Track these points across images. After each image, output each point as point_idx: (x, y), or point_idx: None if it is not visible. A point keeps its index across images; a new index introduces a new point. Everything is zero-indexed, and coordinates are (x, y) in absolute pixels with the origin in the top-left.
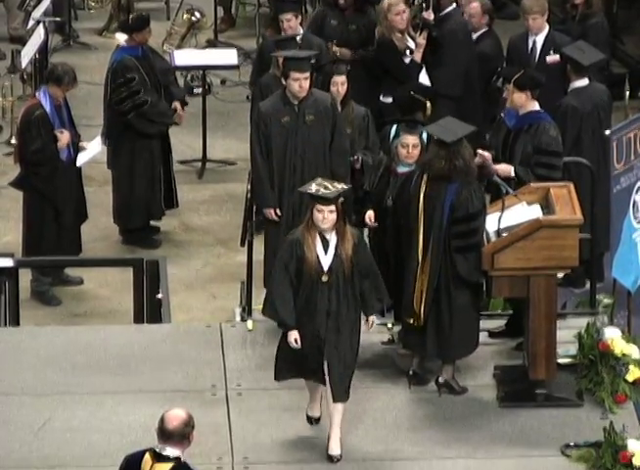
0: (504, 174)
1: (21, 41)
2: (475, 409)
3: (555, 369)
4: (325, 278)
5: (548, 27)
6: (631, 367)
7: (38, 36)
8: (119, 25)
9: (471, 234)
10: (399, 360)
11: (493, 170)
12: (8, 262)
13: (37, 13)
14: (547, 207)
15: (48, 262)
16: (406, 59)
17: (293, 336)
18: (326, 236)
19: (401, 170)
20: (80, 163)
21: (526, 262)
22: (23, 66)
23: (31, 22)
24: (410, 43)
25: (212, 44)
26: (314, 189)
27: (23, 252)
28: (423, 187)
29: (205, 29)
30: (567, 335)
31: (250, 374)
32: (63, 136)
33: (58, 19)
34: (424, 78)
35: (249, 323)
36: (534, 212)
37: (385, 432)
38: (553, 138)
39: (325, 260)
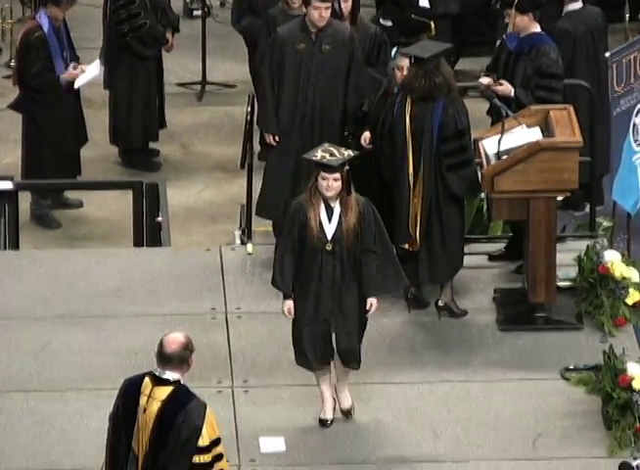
0: (504, 94)
1: None
2: (474, 332)
3: (555, 292)
4: (329, 247)
5: None
6: (631, 290)
7: None
8: None
9: (462, 151)
10: None
11: (493, 92)
12: (7, 185)
13: None
14: (547, 129)
15: (47, 185)
16: None
17: (286, 306)
18: (330, 204)
19: None
20: (78, 85)
21: (526, 185)
22: None
23: None
24: None
25: None
26: (319, 156)
27: (23, 175)
28: (408, 110)
29: None
30: (566, 258)
31: (249, 297)
32: (71, 72)
33: None
34: (424, 2)
35: (248, 246)
36: (534, 135)
37: (383, 355)
38: (553, 61)
39: (329, 229)
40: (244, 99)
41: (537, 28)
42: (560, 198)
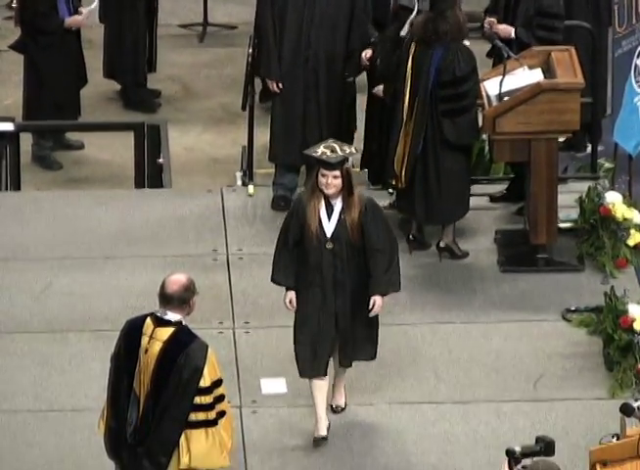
0: (504, 35)
1: None
2: (475, 274)
3: (556, 234)
4: (329, 245)
5: None
6: (632, 232)
7: None
8: None
9: (458, 98)
10: (400, 225)
11: (494, 32)
12: (9, 127)
13: None
14: (548, 70)
15: (49, 127)
16: None
17: (287, 297)
18: (331, 201)
19: None
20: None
21: (527, 127)
22: None
23: None
24: None
25: None
26: (319, 152)
27: (24, 116)
28: (412, 51)
29: None
30: (568, 199)
31: (251, 239)
32: (75, 18)
33: None
34: None
35: (250, 188)
36: (536, 76)
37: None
38: (555, 0)
39: (328, 227)
40: (245, 40)
41: None
42: (561, 139)
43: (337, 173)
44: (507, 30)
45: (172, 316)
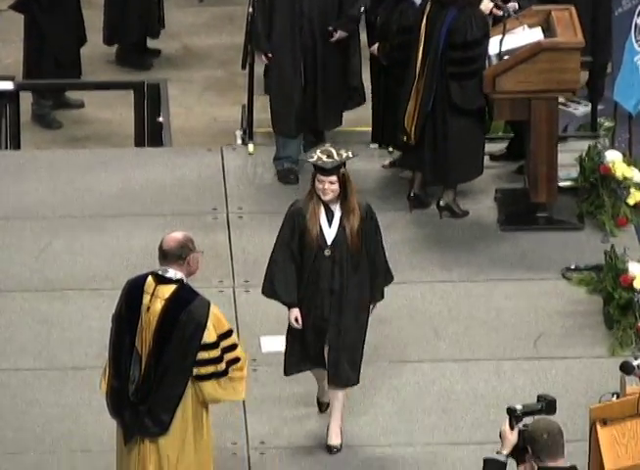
0: None
1: None
2: (475, 232)
3: (556, 192)
4: (328, 252)
5: None
6: (632, 190)
7: None
8: None
9: (467, 62)
10: (400, 183)
11: None
12: (8, 85)
13: None
14: (548, 29)
15: (49, 85)
16: None
17: (293, 315)
18: (331, 207)
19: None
20: None
21: (527, 85)
22: None
23: None
24: None
25: None
26: (315, 157)
27: (24, 75)
28: (427, 10)
29: None
30: (568, 158)
31: (251, 197)
32: None
33: None
34: None
35: (250, 147)
36: (536, 35)
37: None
38: None
39: (329, 233)
40: None
41: None
42: (561, 99)
43: (333, 179)
44: None
45: (173, 274)
